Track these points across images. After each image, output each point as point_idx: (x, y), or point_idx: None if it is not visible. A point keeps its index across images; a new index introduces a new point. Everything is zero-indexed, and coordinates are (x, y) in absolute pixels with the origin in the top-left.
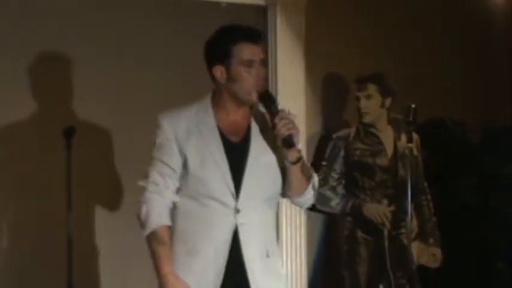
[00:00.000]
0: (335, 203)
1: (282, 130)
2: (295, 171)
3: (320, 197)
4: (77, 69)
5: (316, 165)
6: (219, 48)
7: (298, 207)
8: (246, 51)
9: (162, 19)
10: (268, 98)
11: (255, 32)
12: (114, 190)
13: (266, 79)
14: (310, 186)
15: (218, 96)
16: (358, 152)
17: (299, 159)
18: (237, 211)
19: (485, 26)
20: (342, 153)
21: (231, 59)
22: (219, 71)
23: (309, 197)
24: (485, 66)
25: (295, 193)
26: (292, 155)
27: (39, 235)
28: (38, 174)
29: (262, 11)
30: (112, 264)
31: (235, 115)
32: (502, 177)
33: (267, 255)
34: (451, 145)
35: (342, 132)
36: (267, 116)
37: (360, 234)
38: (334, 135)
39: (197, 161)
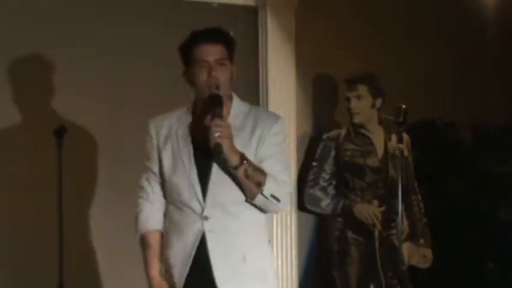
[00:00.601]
0: (325, 203)
1: (214, 135)
2: (238, 175)
3: (310, 198)
4: (73, 68)
5: (306, 165)
6: (181, 53)
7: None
8: (199, 51)
9: (158, 20)
10: (215, 100)
11: (212, 32)
12: (106, 190)
13: (228, 78)
14: (258, 193)
15: (195, 101)
16: (348, 153)
17: (239, 165)
18: (205, 218)
19: (476, 26)
20: (332, 153)
21: (189, 61)
22: (184, 75)
23: (262, 202)
24: (476, 66)
25: (246, 196)
26: (231, 161)
27: (30, 235)
28: (29, 174)
29: (253, 12)
30: (104, 264)
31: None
32: (493, 177)
33: (244, 260)
34: (441, 146)
35: (332, 133)
36: (208, 116)
37: (350, 234)
38: (324, 136)
39: (170, 167)
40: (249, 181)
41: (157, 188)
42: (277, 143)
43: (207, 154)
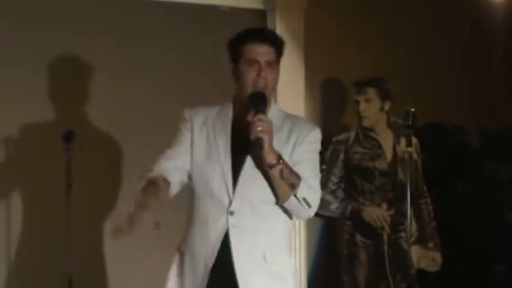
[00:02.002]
0: (335, 206)
1: (256, 129)
2: (273, 175)
3: (320, 201)
4: (82, 73)
5: None
6: (231, 48)
7: None
8: (249, 50)
9: (168, 23)
10: (258, 96)
11: (265, 33)
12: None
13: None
14: (292, 196)
15: (237, 97)
16: (357, 156)
17: (275, 164)
18: (231, 213)
19: (485, 30)
20: (341, 157)
21: (238, 59)
22: (232, 70)
23: (293, 205)
24: (485, 70)
25: (279, 198)
26: (269, 158)
27: (38, 239)
28: (38, 179)
29: (262, 15)
30: (112, 267)
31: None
32: (500, 180)
33: (265, 260)
34: (450, 149)
35: (341, 136)
36: (251, 112)
37: (359, 238)
38: (333, 139)
39: (203, 155)
40: (284, 182)
41: (172, 164)
42: (311, 150)
43: (242, 151)
